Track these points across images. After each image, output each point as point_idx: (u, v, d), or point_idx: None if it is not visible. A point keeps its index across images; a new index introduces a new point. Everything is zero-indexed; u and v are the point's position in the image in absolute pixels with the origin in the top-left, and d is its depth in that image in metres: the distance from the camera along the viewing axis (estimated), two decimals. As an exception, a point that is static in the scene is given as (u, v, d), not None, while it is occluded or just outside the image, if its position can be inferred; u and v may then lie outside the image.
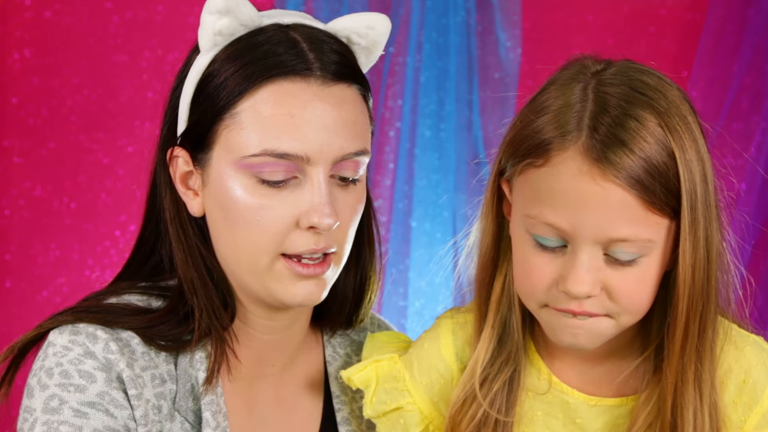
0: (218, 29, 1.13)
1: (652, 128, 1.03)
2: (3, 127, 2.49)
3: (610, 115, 1.03)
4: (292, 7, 2.47)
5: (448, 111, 2.55)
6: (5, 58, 2.47)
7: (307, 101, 1.11)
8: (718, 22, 2.61)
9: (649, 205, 1.02)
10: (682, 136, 1.04)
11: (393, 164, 2.56)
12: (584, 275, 1.04)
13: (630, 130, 1.02)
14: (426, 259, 2.57)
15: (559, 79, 1.11)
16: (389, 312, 2.57)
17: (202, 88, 1.14)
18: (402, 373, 1.20)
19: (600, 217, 1.02)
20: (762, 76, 2.61)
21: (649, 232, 1.03)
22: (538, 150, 1.05)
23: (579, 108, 1.05)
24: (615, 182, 1.01)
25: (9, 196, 2.52)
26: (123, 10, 2.48)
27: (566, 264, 1.05)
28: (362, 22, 1.19)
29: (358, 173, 1.16)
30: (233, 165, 1.12)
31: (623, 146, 1.01)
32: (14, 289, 2.54)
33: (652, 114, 1.03)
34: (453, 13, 2.52)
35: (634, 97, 1.04)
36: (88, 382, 1.12)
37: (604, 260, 1.04)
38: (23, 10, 2.46)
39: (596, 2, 2.63)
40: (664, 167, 1.02)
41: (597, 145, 1.02)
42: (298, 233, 1.12)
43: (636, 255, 1.04)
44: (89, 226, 2.51)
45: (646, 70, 1.09)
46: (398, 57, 2.53)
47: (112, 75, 2.49)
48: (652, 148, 1.02)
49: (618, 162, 1.01)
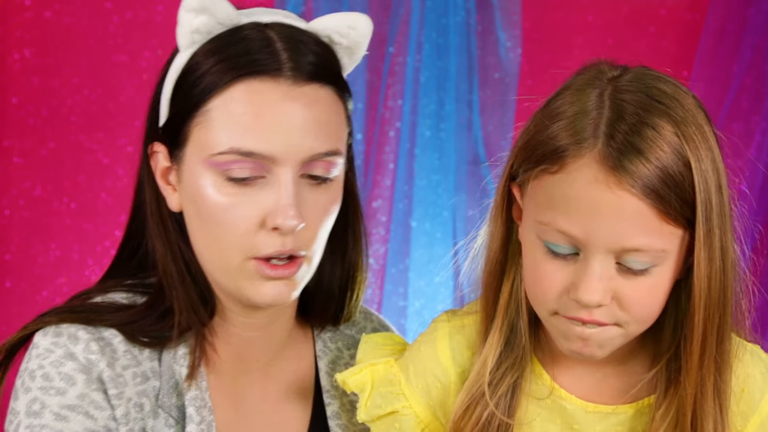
0: (195, 27, 1.14)
1: (669, 137, 1.02)
2: (3, 127, 2.49)
3: (627, 123, 1.02)
4: (292, 7, 2.47)
5: (448, 111, 2.55)
6: (5, 58, 2.47)
7: (276, 101, 1.11)
8: (718, 22, 2.61)
9: (664, 215, 1.01)
10: (698, 145, 1.03)
11: (393, 164, 2.56)
12: (596, 284, 1.03)
13: (646, 138, 1.01)
14: (426, 259, 2.57)
15: (574, 84, 1.09)
16: (389, 312, 2.56)
17: (179, 84, 1.15)
18: (398, 376, 1.19)
19: (614, 225, 1.01)
20: (762, 76, 2.61)
21: (663, 242, 1.02)
22: (553, 156, 1.03)
23: (595, 115, 1.03)
24: (630, 191, 1.00)
25: (9, 196, 2.52)
26: (123, 10, 2.48)
27: (578, 272, 1.04)
28: (343, 21, 1.18)
29: (331, 173, 1.15)
30: (203, 163, 1.12)
31: (639, 155, 1.00)
32: (14, 289, 2.54)
33: (669, 122, 1.03)
34: (453, 13, 2.52)
35: (650, 105, 1.04)
36: (68, 385, 1.13)
37: (616, 269, 1.03)
38: (23, 10, 2.46)
39: (596, 2, 2.63)
40: (680, 177, 1.01)
41: (613, 153, 1.01)
42: (264, 234, 1.12)
43: (649, 264, 1.03)
44: (89, 226, 2.51)
45: (662, 77, 1.08)
46: (398, 57, 2.53)
47: (112, 75, 2.49)
48: (668, 158, 1.01)
49: (634, 171, 1.00)
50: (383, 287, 2.57)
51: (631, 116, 1.02)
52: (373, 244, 2.57)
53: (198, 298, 1.19)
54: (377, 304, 2.58)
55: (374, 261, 2.57)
